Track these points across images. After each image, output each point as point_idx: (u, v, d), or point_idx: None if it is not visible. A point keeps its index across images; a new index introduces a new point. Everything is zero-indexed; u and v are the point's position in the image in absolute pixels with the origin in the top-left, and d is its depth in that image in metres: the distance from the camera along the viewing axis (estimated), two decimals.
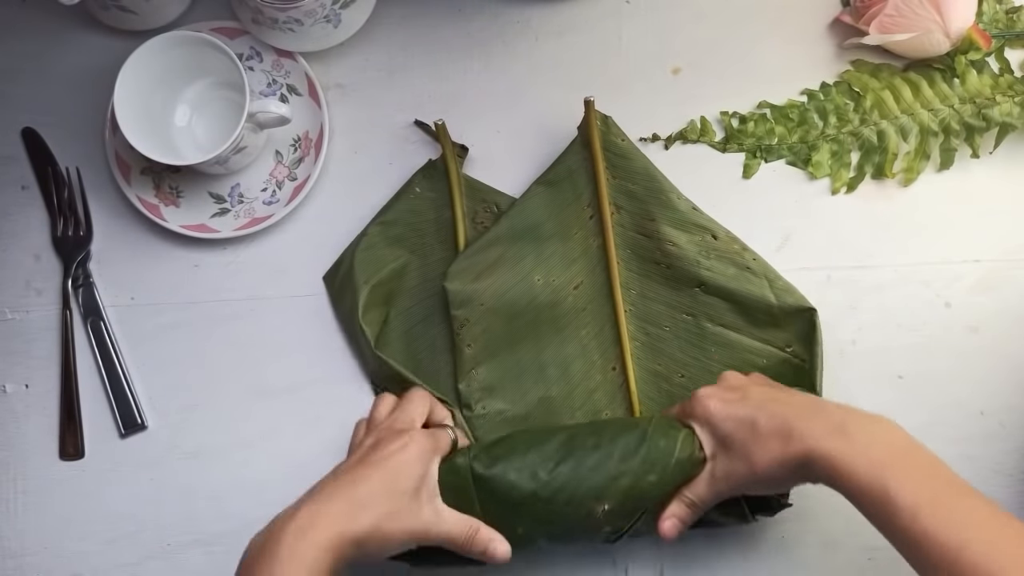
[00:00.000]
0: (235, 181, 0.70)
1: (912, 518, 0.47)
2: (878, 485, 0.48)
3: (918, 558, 0.47)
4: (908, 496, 0.47)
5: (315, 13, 0.65)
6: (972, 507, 0.48)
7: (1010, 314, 0.67)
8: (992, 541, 0.46)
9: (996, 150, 0.67)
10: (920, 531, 0.47)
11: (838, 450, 0.50)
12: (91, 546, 0.68)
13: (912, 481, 0.48)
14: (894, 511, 0.47)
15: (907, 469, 0.49)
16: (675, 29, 0.71)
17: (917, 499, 0.47)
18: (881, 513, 0.48)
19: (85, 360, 0.69)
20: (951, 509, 0.47)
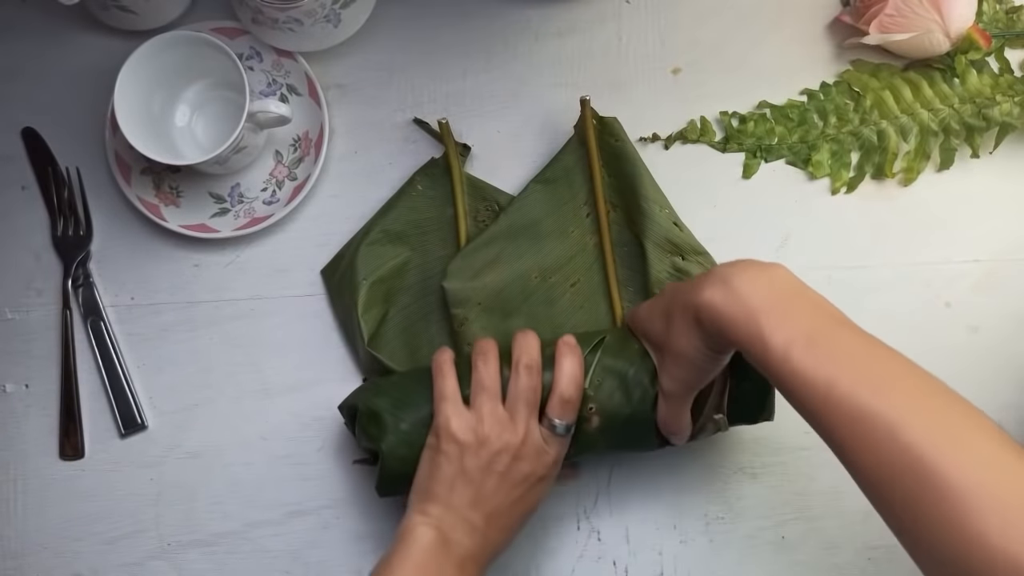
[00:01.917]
0: (235, 181, 0.70)
1: (784, 358, 0.46)
2: (754, 329, 0.48)
3: (794, 400, 0.47)
4: (781, 337, 0.47)
5: (315, 13, 0.65)
6: (847, 343, 0.47)
7: (1010, 314, 0.67)
8: (861, 372, 0.45)
9: (996, 150, 0.67)
10: (790, 371, 0.46)
11: (715, 299, 0.50)
12: (91, 546, 0.68)
13: (788, 322, 0.47)
14: (768, 353, 0.47)
15: (785, 311, 0.48)
16: (675, 29, 0.71)
17: (790, 339, 0.46)
18: (759, 357, 0.48)
19: (85, 360, 0.69)
20: (824, 347, 0.46)
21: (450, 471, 0.56)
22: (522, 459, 0.57)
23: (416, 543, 0.55)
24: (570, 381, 0.58)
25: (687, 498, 0.66)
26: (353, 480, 0.67)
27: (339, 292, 0.68)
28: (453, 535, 0.55)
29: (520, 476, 0.57)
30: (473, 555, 0.56)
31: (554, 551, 0.66)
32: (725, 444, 0.66)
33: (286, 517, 0.67)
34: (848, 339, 0.47)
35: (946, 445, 0.42)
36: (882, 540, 0.65)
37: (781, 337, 0.47)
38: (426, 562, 0.54)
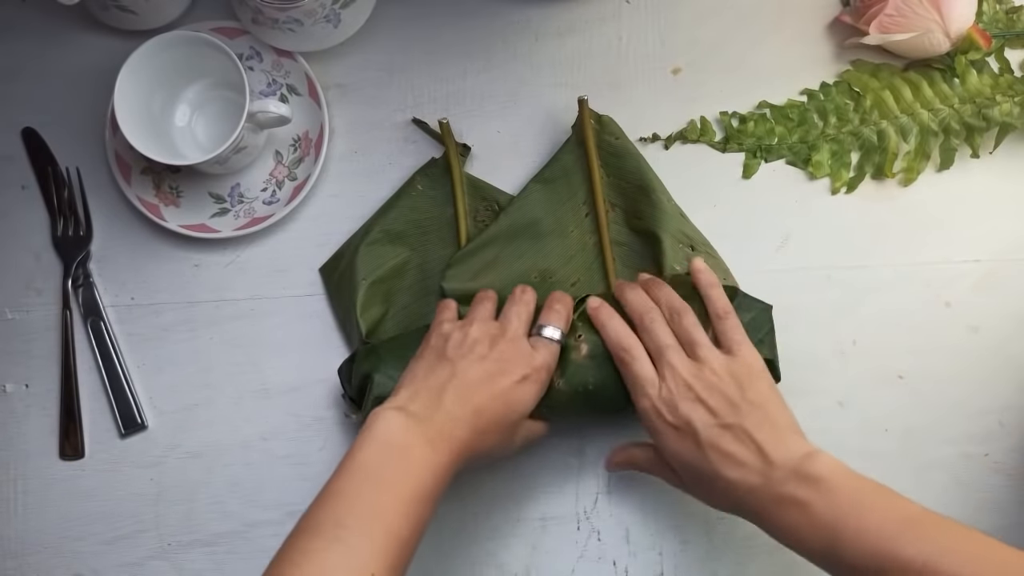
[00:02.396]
0: (235, 181, 0.70)
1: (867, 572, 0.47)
2: (830, 549, 0.49)
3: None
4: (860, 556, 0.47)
5: (315, 13, 0.65)
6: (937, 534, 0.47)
7: (1010, 314, 0.67)
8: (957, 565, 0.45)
9: (996, 150, 0.67)
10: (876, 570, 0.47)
11: (786, 519, 0.51)
12: (91, 546, 0.68)
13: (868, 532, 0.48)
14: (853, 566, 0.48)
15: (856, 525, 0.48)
16: (675, 29, 0.71)
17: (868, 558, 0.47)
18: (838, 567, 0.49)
19: (85, 360, 0.69)
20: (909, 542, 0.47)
21: (432, 358, 0.57)
22: (505, 352, 0.57)
23: (381, 425, 0.53)
24: (560, 297, 0.61)
25: (687, 498, 0.66)
26: None
27: (338, 291, 0.68)
28: (424, 413, 0.53)
29: (502, 364, 0.56)
30: (446, 435, 0.53)
31: (554, 551, 0.66)
32: None
33: (286, 517, 0.67)
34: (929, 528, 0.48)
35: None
36: None
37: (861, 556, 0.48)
38: (391, 443, 0.52)
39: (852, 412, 0.65)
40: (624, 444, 0.63)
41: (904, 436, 0.65)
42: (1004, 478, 0.64)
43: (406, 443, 0.52)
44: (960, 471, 0.65)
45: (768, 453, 0.53)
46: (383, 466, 0.51)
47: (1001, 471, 0.65)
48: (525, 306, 0.60)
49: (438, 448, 0.53)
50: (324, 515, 0.50)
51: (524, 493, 0.66)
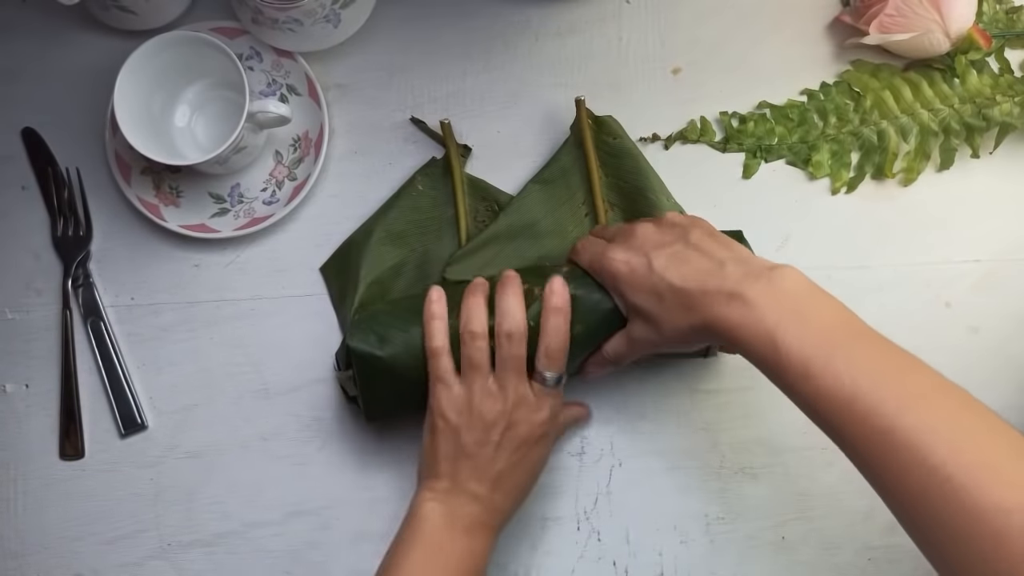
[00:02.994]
0: (235, 181, 0.70)
1: (804, 378, 0.46)
2: (770, 347, 0.48)
3: (815, 416, 0.47)
4: (799, 355, 0.47)
5: (315, 13, 0.65)
6: (867, 355, 0.46)
7: (1010, 314, 0.67)
8: (884, 387, 0.44)
9: (996, 150, 0.67)
10: (812, 390, 0.46)
11: (732, 317, 0.50)
12: (91, 546, 0.68)
13: (806, 337, 0.47)
14: (788, 373, 0.47)
15: (802, 327, 0.47)
16: (675, 29, 0.71)
17: (808, 357, 0.46)
18: (778, 375, 0.48)
19: (85, 360, 0.69)
20: (844, 361, 0.45)
21: (449, 448, 0.58)
22: (517, 424, 0.58)
23: (425, 520, 0.57)
24: (555, 334, 0.58)
25: (687, 498, 0.66)
26: (353, 480, 0.67)
27: (339, 290, 0.68)
28: (460, 507, 0.57)
29: (518, 440, 0.58)
30: (482, 522, 0.58)
31: (554, 552, 0.66)
32: (726, 444, 0.66)
33: (286, 517, 0.67)
34: (868, 351, 0.47)
35: (976, 466, 0.41)
36: (882, 540, 0.65)
37: (800, 356, 0.47)
38: (436, 536, 0.56)
39: None
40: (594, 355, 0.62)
41: None
42: None
43: (449, 536, 0.57)
44: None
45: (723, 259, 0.53)
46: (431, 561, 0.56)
47: None
48: (517, 360, 0.58)
49: (477, 536, 0.57)
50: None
51: None
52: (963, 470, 0.41)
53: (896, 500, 0.44)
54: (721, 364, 0.67)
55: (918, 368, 0.46)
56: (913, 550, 0.52)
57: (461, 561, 0.57)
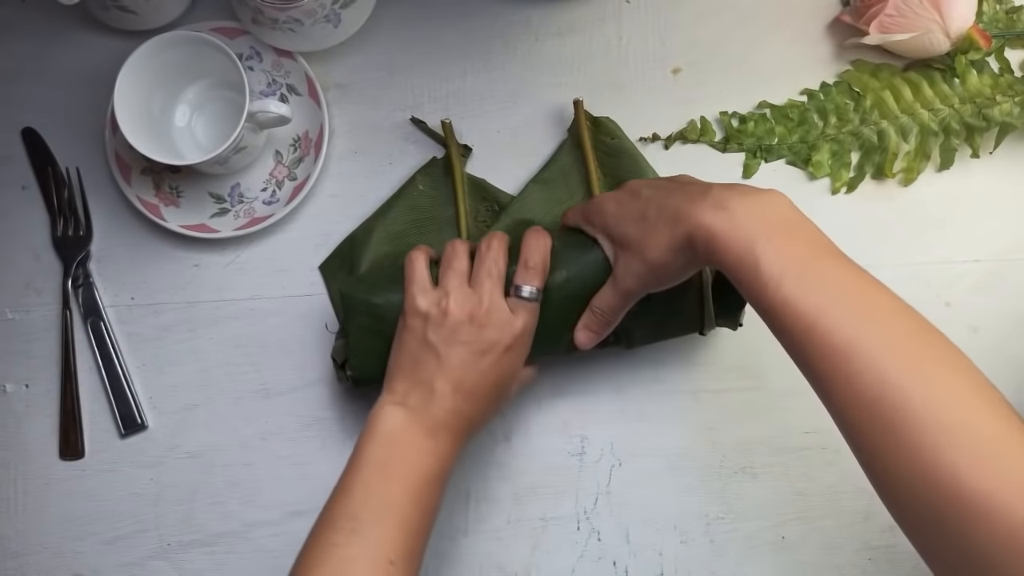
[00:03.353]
0: (235, 181, 0.70)
1: (776, 286, 0.47)
2: (749, 256, 0.48)
3: (779, 329, 0.47)
4: (775, 265, 0.47)
5: (315, 13, 0.65)
6: (839, 275, 0.47)
7: (1010, 314, 0.67)
8: (850, 305, 0.46)
9: (996, 150, 0.67)
10: (781, 299, 0.47)
11: (715, 224, 0.50)
12: (91, 546, 0.68)
13: (784, 252, 0.48)
14: (761, 281, 0.47)
15: (782, 240, 0.48)
16: (675, 29, 0.71)
17: (783, 268, 0.47)
18: (751, 285, 0.48)
19: (85, 360, 0.69)
20: (817, 277, 0.47)
21: (415, 345, 0.57)
22: (486, 327, 0.57)
23: (384, 421, 0.55)
24: (535, 248, 0.59)
25: (687, 498, 0.66)
26: None
27: (337, 288, 0.68)
28: (420, 406, 0.56)
29: (485, 344, 0.57)
30: (444, 423, 0.56)
31: (554, 551, 0.66)
32: (726, 444, 0.66)
33: (286, 517, 0.67)
34: (841, 271, 0.48)
35: (925, 381, 0.43)
36: (882, 540, 0.65)
37: (776, 266, 0.47)
38: (394, 437, 0.55)
39: None
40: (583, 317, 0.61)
41: None
42: None
43: (408, 436, 0.55)
44: None
45: (712, 185, 0.53)
46: (389, 460, 0.54)
47: None
48: (495, 263, 0.59)
49: (439, 438, 0.56)
50: (339, 511, 0.53)
51: (524, 493, 0.66)
52: (912, 383, 0.43)
53: (845, 413, 0.45)
54: (721, 364, 0.67)
55: (884, 292, 0.47)
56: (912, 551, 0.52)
57: (421, 461, 0.55)
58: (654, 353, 0.67)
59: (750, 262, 0.48)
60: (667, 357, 0.67)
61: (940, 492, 0.41)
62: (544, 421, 0.67)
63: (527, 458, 0.67)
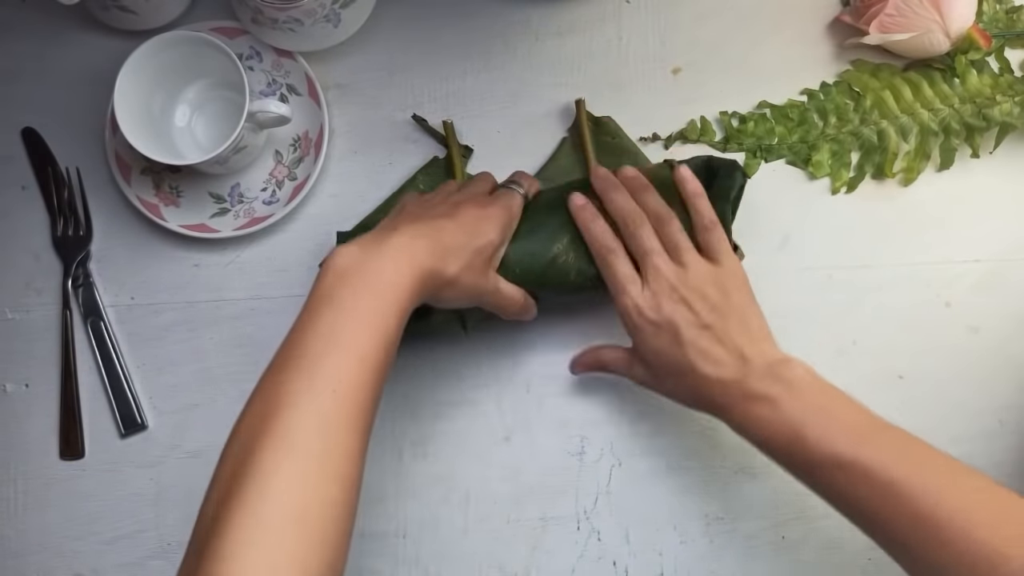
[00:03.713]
0: (235, 181, 0.70)
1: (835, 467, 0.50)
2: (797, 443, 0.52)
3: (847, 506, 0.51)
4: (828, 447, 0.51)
5: (315, 13, 0.65)
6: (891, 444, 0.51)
7: (1010, 314, 0.67)
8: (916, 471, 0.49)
9: (996, 150, 0.67)
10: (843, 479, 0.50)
11: (761, 415, 0.54)
12: (91, 546, 0.68)
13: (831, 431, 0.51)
14: (815, 464, 0.51)
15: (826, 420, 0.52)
16: (675, 29, 0.71)
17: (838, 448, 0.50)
18: (803, 467, 0.52)
19: (85, 360, 0.69)
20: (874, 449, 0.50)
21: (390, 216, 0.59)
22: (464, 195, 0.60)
23: (336, 257, 0.52)
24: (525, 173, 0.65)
25: (687, 498, 0.66)
26: None
27: None
28: (380, 238, 0.53)
29: (459, 203, 0.59)
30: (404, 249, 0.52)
31: (554, 551, 0.66)
32: (726, 444, 0.66)
33: None
34: (892, 440, 0.51)
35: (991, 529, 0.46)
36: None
37: (829, 449, 0.51)
38: (344, 268, 0.51)
39: None
40: (591, 347, 0.64)
41: None
42: (1004, 477, 0.64)
43: (361, 266, 0.51)
44: None
45: (744, 353, 0.55)
46: (337, 290, 0.51)
47: (1001, 471, 0.65)
48: (484, 181, 0.63)
49: (399, 263, 0.52)
50: (286, 348, 0.51)
51: (524, 493, 0.66)
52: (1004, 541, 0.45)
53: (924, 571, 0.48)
54: None
55: (937, 453, 0.50)
56: None
57: (371, 289, 0.50)
58: None
59: (799, 449, 0.52)
60: None
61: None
62: (544, 421, 0.67)
63: (527, 458, 0.67)
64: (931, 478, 0.48)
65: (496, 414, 0.67)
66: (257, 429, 0.47)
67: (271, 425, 0.46)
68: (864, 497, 0.49)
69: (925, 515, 0.47)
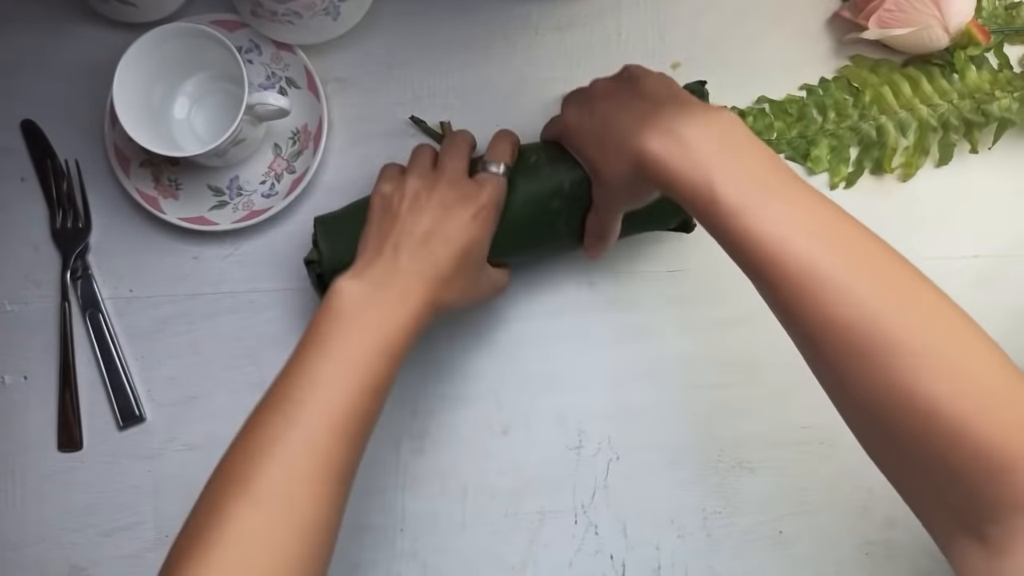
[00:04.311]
0: (234, 174, 0.70)
1: (735, 216, 0.46)
2: (704, 186, 0.47)
3: (742, 258, 0.47)
4: (733, 195, 0.46)
5: (314, 6, 0.65)
6: (801, 201, 0.47)
7: (1010, 310, 0.67)
8: (816, 231, 0.45)
9: (995, 145, 0.67)
10: (742, 229, 0.46)
11: (666, 152, 0.49)
12: (89, 538, 0.68)
13: (741, 179, 0.47)
14: (719, 211, 0.47)
15: (737, 166, 0.47)
16: (675, 24, 0.71)
17: (743, 197, 0.46)
18: (708, 214, 0.47)
19: (84, 352, 0.69)
20: (780, 204, 0.46)
21: (376, 219, 0.57)
22: (449, 193, 0.57)
23: (335, 297, 0.53)
24: (502, 136, 0.61)
25: (685, 492, 0.66)
26: None
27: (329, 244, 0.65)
28: (380, 278, 0.53)
29: (444, 204, 0.56)
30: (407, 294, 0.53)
31: (551, 545, 0.66)
32: (724, 439, 0.66)
33: None
34: (802, 198, 0.47)
35: (900, 306, 0.43)
36: (880, 535, 0.65)
37: (734, 195, 0.46)
38: (342, 311, 0.52)
39: None
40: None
41: None
42: None
43: (359, 311, 0.52)
44: None
45: (664, 103, 0.53)
46: (330, 336, 0.51)
47: None
48: (458, 148, 0.60)
49: (398, 313, 0.52)
50: (274, 387, 0.51)
51: (522, 487, 0.66)
52: (887, 309, 0.43)
53: (814, 337, 0.45)
54: (718, 358, 0.67)
55: (848, 219, 0.47)
56: (910, 545, 0.53)
57: (370, 333, 0.51)
58: (650, 350, 0.67)
59: (705, 192, 0.47)
60: (664, 353, 0.67)
61: (917, 417, 0.41)
62: (542, 415, 0.67)
63: (525, 452, 0.67)
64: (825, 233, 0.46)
65: (494, 408, 0.67)
66: (230, 473, 0.49)
67: (242, 472, 0.48)
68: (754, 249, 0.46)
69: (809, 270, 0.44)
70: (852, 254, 0.45)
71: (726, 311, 0.67)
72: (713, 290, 0.68)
